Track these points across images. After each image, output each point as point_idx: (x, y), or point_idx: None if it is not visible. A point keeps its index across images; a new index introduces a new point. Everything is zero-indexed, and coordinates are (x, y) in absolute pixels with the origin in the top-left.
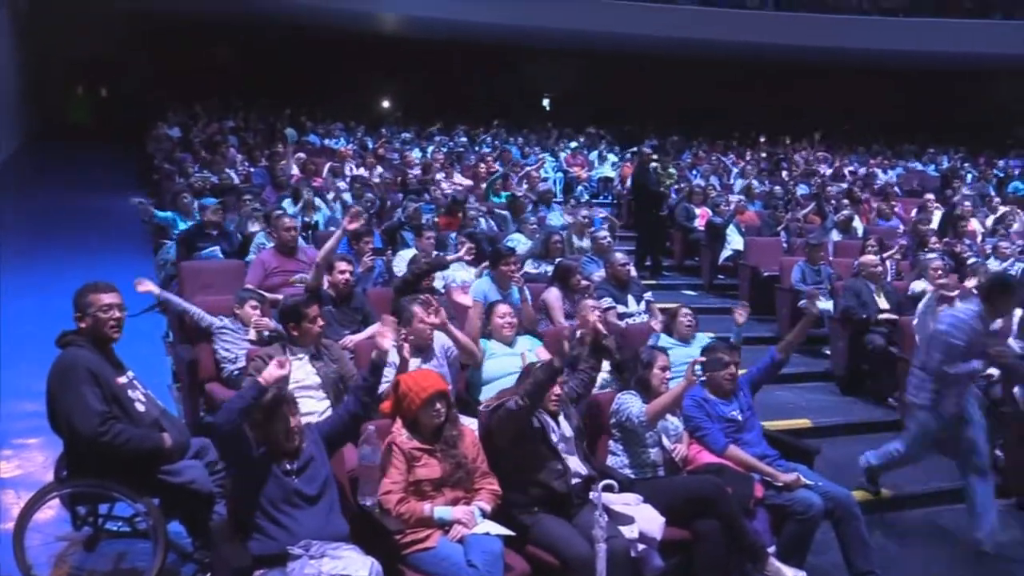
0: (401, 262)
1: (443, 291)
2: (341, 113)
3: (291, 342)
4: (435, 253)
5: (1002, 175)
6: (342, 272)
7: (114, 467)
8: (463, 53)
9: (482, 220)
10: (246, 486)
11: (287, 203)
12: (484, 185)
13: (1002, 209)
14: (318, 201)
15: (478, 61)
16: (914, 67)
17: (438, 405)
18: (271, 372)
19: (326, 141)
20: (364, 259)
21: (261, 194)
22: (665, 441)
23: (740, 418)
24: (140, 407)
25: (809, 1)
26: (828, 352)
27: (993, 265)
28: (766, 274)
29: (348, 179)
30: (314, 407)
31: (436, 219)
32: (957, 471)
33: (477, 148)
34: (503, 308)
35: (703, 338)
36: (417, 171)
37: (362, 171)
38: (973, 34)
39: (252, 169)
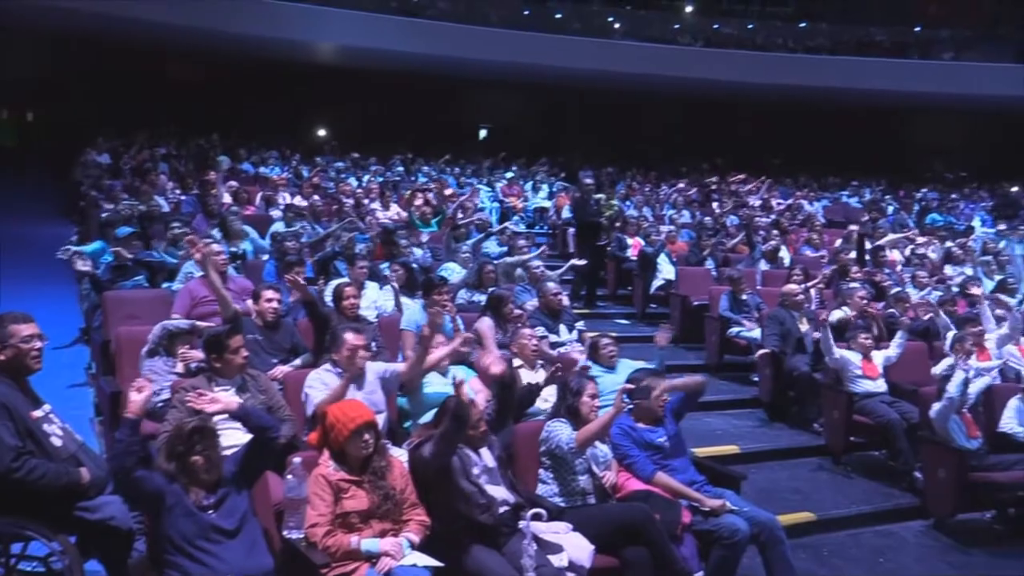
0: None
1: (374, 321)
2: (276, 141)
3: (215, 373)
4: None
5: (921, 207)
6: (268, 301)
7: (28, 504)
8: (400, 83)
9: (417, 250)
10: (160, 523)
11: (217, 231)
12: (421, 216)
13: (920, 239)
14: (247, 229)
15: (416, 91)
16: (838, 103)
17: (366, 436)
18: (134, 400)
19: (260, 169)
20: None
21: (191, 222)
22: (594, 468)
23: (667, 445)
24: (57, 441)
25: (739, 39)
26: (756, 379)
27: (912, 293)
28: (696, 303)
29: (282, 208)
30: (240, 439)
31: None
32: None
33: (414, 178)
34: (436, 338)
35: (628, 364)
36: (353, 200)
37: (296, 200)
38: (892, 73)
39: (183, 197)
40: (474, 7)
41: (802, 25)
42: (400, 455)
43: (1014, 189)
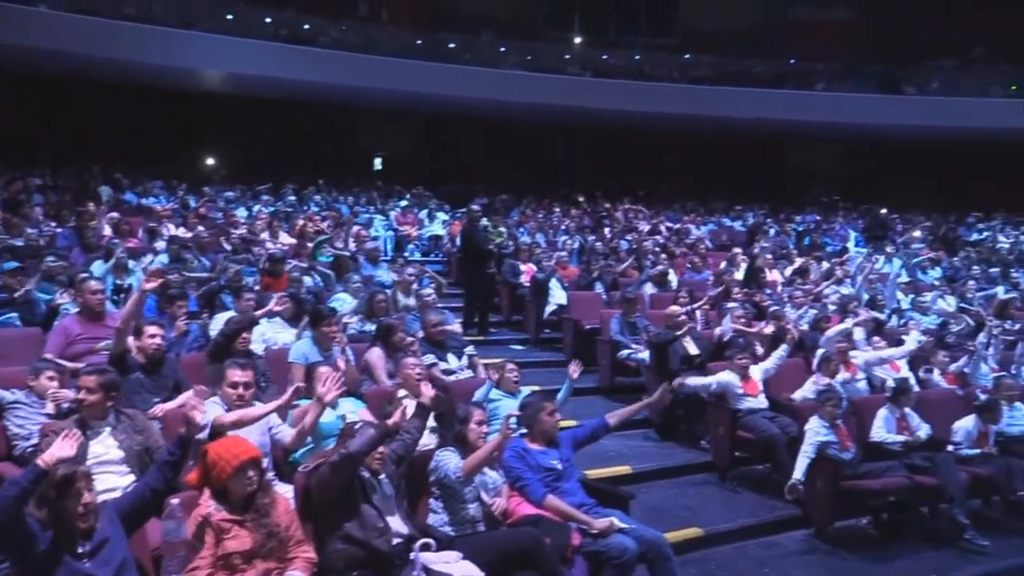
0: (218, 325)
1: (262, 354)
2: (163, 171)
3: (86, 413)
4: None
5: (800, 229)
6: (151, 337)
7: None
8: (293, 111)
9: (307, 278)
10: (29, 573)
11: (96, 265)
12: (311, 244)
13: (799, 260)
14: (132, 263)
15: (309, 120)
16: (721, 131)
17: (250, 473)
18: (52, 452)
19: (144, 200)
20: (178, 323)
21: (68, 256)
22: (484, 496)
23: (560, 467)
24: None
25: (626, 69)
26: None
27: (790, 312)
28: (587, 327)
29: (166, 239)
30: (116, 483)
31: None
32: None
33: (306, 207)
34: (324, 371)
35: (528, 391)
36: (243, 231)
37: (181, 231)
38: (770, 102)
39: (58, 230)
40: (366, 36)
41: (686, 56)
42: (286, 491)
43: (884, 211)
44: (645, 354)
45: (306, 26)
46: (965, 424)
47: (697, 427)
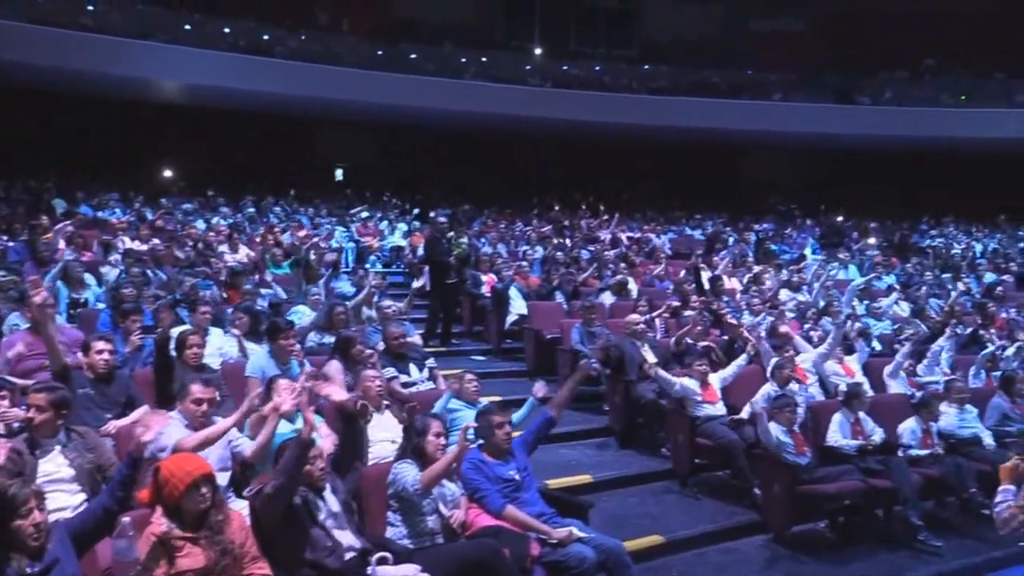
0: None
1: (217, 368)
2: (120, 183)
3: (35, 432)
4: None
5: (758, 237)
6: (99, 352)
7: None
8: (252, 122)
9: (267, 290)
10: None
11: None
12: (280, 259)
13: (756, 268)
14: (88, 277)
15: (268, 131)
16: (680, 141)
17: (203, 489)
18: None
19: (100, 213)
20: (132, 338)
21: (19, 271)
22: (442, 508)
23: (518, 478)
24: None
25: (586, 80)
26: (607, 408)
27: (747, 319)
28: (548, 337)
29: (121, 252)
30: (67, 502)
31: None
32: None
33: (266, 219)
34: (283, 383)
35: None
36: (200, 244)
37: (136, 244)
38: (728, 112)
39: (10, 244)
40: (327, 47)
41: (645, 67)
42: (242, 507)
43: (839, 219)
44: None
45: (265, 36)
46: (908, 425)
47: (657, 435)
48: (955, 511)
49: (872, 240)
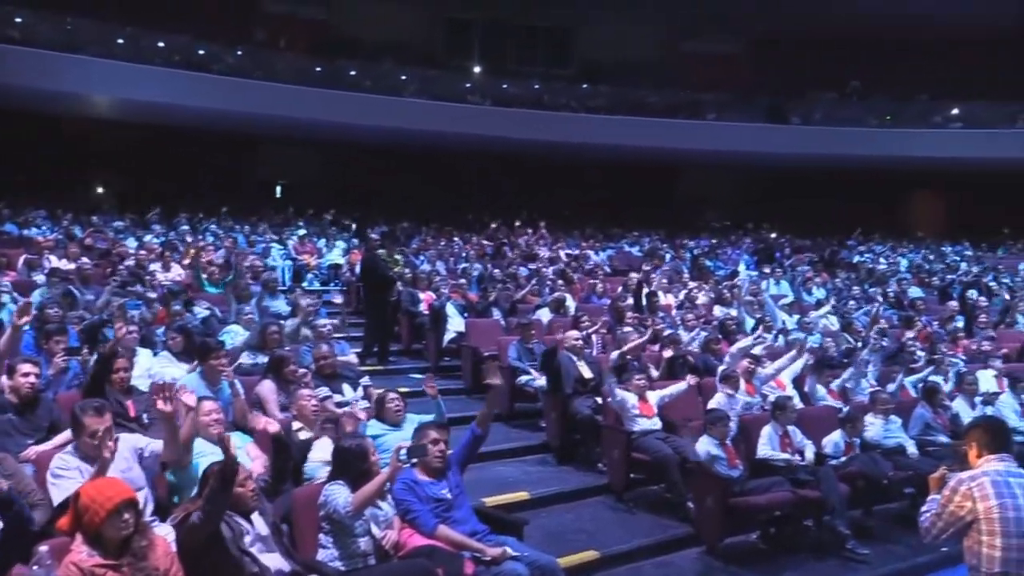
0: None
1: (146, 390)
2: (48, 200)
3: None
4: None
5: (693, 254)
6: (25, 376)
7: None
8: (188, 139)
9: (199, 309)
10: None
11: None
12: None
13: (691, 284)
14: (4, 297)
15: (205, 147)
16: (618, 159)
17: (126, 515)
18: None
19: (26, 231)
20: (56, 360)
21: None
22: (374, 529)
23: (450, 496)
24: None
25: (526, 98)
26: (544, 425)
27: (683, 335)
28: (486, 354)
29: (47, 272)
30: None
31: (152, 313)
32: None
33: (200, 237)
34: (208, 405)
35: (414, 420)
36: (131, 262)
37: (63, 263)
38: (664, 132)
39: None
40: (264, 63)
41: (584, 87)
42: (167, 533)
43: (772, 235)
44: (543, 380)
45: (201, 52)
46: (833, 437)
47: (594, 450)
48: (882, 519)
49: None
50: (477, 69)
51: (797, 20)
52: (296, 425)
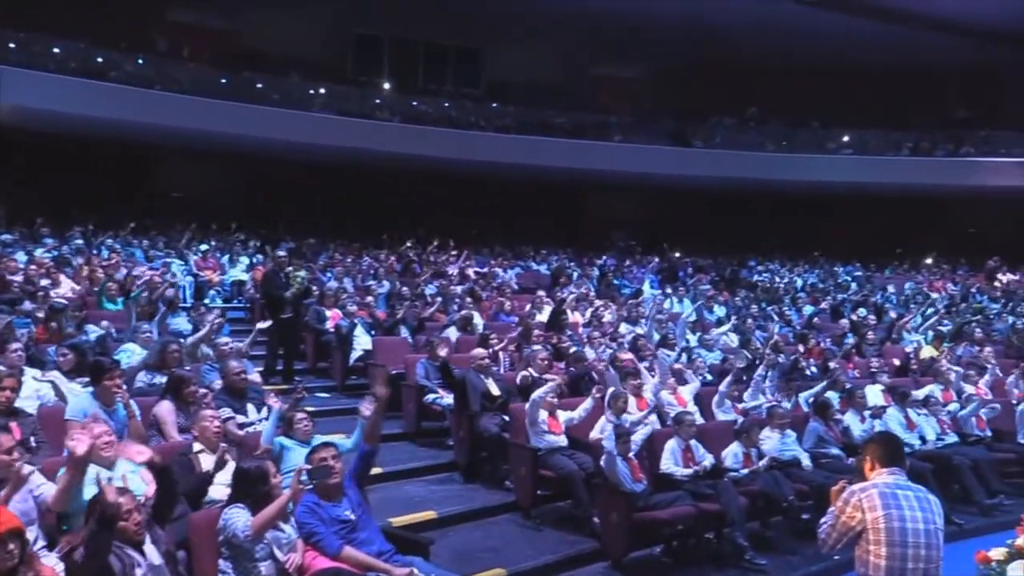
0: None
1: (33, 413)
2: None
3: None
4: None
5: (600, 273)
6: None
7: None
8: (84, 148)
9: (93, 327)
10: None
11: None
12: (97, 290)
13: (597, 303)
14: None
15: (103, 158)
16: (527, 178)
17: (11, 546)
18: None
19: None
20: None
21: None
22: (277, 553)
23: (353, 517)
24: None
25: (435, 116)
26: (451, 443)
27: (590, 353)
28: (393, 372)
29: None
30: None
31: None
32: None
33: (95, 252)
34: (100, 427)
35: (320, 440)
36: (20, 277)
37: None
38: (571, 152)
39: None
40: (165, 72)
41: (493, 105)
42: (55, 564)
43: (676, 255)
44: (450, 399)
45: (99, 59)
46: (732, 449)
47: (500, 468)
48: (779, 531)
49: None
50: (386, 86)
51: (699, 49)
52: (197, 447)
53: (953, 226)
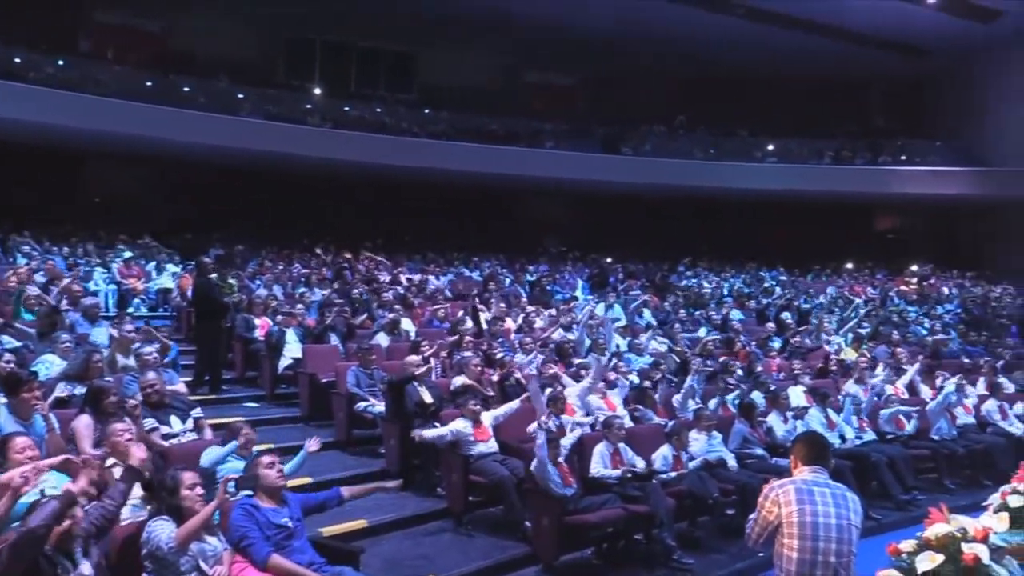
0: None
1: None
2: None
3: None
4: None
5: (533, 279)
6: None
7: None
8: (3, 152)
9: (7, 338)
10: None
11: None
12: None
13: (529, 308)
14: None
15: (21, 162)
16: (460, 185)
17: None
18: None
19: None
20: None
21: None
22: (203, 565)
23: (291, 525)
24: None
25: (367, 121)
26: (383, 451)
27: (520, 359)
28: (324, 380)
29: None
30: None
31: None
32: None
33: (12, 259)
34: (21, 442)
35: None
36: None
37: None
38: (504, 158)
39: None
40: (88, 74)
41: (426, 111)
42: None
43: (608, 260)
44: (381, 407)
45: (17, 60)
46: (662, 451)
47: (432, 475)
48: (707, 530)
49: (635, 282)
50: (317, 91)
51: (631, 58)
52: (110, 461)
53: (873, 232)
